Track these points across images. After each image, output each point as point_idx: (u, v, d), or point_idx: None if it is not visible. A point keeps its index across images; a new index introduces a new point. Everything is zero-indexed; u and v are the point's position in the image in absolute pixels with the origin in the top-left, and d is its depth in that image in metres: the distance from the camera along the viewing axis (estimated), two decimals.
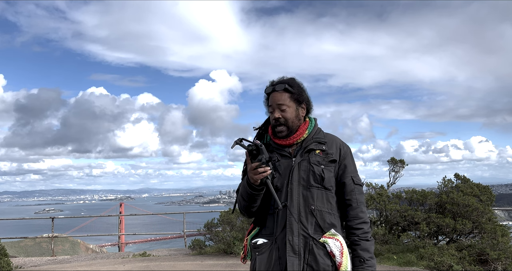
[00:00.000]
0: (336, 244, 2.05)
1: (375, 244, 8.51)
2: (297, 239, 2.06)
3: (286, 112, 2.17)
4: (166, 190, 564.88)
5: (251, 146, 2.06)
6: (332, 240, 2.07)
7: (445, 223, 8.11)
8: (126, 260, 9.54)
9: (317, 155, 2.17)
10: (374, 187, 10.11)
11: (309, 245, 2.05)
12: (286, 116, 2.17)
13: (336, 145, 2.22)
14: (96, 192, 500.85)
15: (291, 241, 2.06)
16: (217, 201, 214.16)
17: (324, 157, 2.17)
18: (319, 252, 2.04)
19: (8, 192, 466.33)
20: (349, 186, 2.18)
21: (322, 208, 2.12)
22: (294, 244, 2.05)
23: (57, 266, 9.38)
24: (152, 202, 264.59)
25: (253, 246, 2.16)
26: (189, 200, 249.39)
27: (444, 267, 6.91)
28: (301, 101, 2.21)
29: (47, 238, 22.08)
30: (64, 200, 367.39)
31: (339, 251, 2.04)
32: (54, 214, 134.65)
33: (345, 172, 2.20)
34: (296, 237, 2.06)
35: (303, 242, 2.06)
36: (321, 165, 2.15)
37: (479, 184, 9.20)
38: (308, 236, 2.07)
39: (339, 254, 2.04)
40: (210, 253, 9.63)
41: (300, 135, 2.20)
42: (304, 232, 2.07)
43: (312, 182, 2.12)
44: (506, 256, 7.04)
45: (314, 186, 2.12)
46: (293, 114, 2.18)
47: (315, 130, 2.25)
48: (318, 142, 2.20)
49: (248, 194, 2.11)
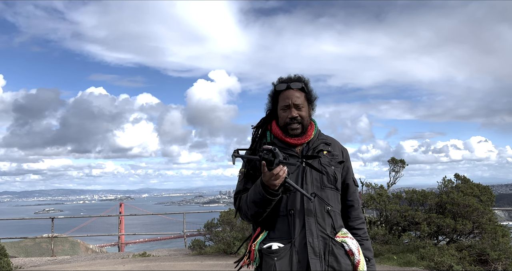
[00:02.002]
0: (353, 242, 2.09)
1: (375, 244, 8.51)
2: (317, 241, 2.03)
3: (302, 111, 2.15)
4: (166, 190, 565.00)
5: (267, 153, 1.88)
6: (349, 238, 2.09)
7: (446, 223, 8.11)
8: (126, 260, 9.54)
9: (325, 156, 2.17)
10: (374, 187, 10.11)
11: (329, 246, 2.04)
12: (302, 115, 2.15)
13: (338, 147, 2.26)
14: (96, 192, 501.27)
15: (311, 243, 2.01)
16: (217, 201, 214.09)
17: (332, 158, 2.18)
18: (339, 252, 2.04)
19: (8, 192, 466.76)
20: (352, 188, 2.24)
21: (335, 209, 2.14)
22: (314, 245, 2.02)
23: (57, 266, 9.37)
24: (152, 202, 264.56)
25: (268, 251, 2.03)
26: (189, 200, 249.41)
27: (444, 267, 6.90)
28: (312, 101, 2.23)
29: (47, 238, 22.06)
30: (64, 200, 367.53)
31: (357, 249, 2.07)
32: (54, 214, 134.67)
33: (348, 173, 2.24)
34: (316, 238, 2.03)
35: (322, 244, 2.03)
36: (332, 165, 2.15)
37: (479, 184, 9.20)
38: (327, 237, 2.05)
39: (357, 252, 2.06)
40: (210, 253, 9.62)
41: (310, 135, 2.20)
42: (323, 233, 2.05)
43: (326, 182, 2.11)
44: (506, 256, 7.04)
45: (328, 186, 2.11)
46: (307, 114, 2.19)
47: (318, 132, 2.26)
48: (325, 143, 2.21)
49: (265, 201, 1.97)
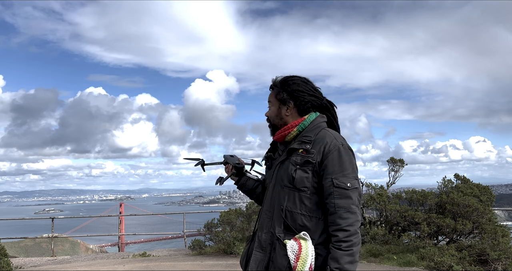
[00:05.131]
0: (294, 247, 1.96)
1: (376, 244, 8.50)
2: (265, 236, 2.10)
3: (269, 110, 2.26)
4: (166, 190, 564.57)
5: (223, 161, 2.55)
6: (293, 242, 1.98)
7: (445, 223, 8.11)
8: (126, 260, 9.54)
9: (299, 154, 2.07)
10: (374, 187, 10.11)
11: (274, 243, 2.06)
12: (268, 114, 2.27)
13: (322, 144, 2.05)
14: (96, 192, 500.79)
15: (259, 237, 2.13)
16: (217, 201, 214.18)
17: (303, 157, 2.06)
18: (279, 252, 2.02)
19: (8, 192, 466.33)
20: (327, 189, 1.98)
21: (293, 209, 2.04)
22: (261, 239, 2.11)
23: (57, 266, 9.37)
24: (152, 202, 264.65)
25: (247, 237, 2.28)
26: (189, 200, 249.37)
27: (444, 267, 6.90)
28: (285, 99, 2.17)
29: (47, 238, 22.07)
30: (64, 200, 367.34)
31: (295, 255, 1.94)
32: (54, 214, 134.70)
33: (325, 173, 2.00)
34: (265, 233, 2.11)
35: (270, 240, 2.08)
36: (297, 165, 2.06)
37: (479, 184, 9.20)
38: (274, 234, 2.08)
39: (294, 257, 1.94)
40: (210, 253, 9.62)
41: (282, 134, 2.18)
42: (273, 230, 2.09)
43: (286, 182, 2.09)
44: (506, 256, 7.04)
45: (287, 186, 2.08)
46: (276, 112, 2.21)
47: (309, 128, 2.14)
48: (302, 141, 2.10)
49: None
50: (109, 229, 47.09)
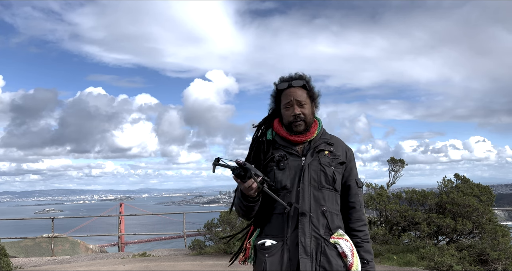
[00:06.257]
0: (347, 244, 2.07)
1: (375, 244, 8.51)
2: (309, 241, 2.03)
3: (304, 109, 2.17)
4: (166, 190, 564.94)
5: (236, 169, 1.94)
6: (343, 240, 2.07)
7: (446, 223, 8.11)
8: (126, 260, 9.54)
9: (326, 156, 2.15)
10: (374, 187, 10.11)
11: (321, 246, 2.03)
12: (304, 113, 2.16)
13: (342, 147, 2.23)
14: (96, 192, 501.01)
15: (303, 242, 2.03)
16: (217, 201, 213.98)
17: (333, 158, 2.16)
18: (331, 253, 2.03)
19: (8, 192, 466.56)
20: (354, 189, 2.21)
21: (332, 210, 2.12)
22: (306, 245, 2.03)
23: (57, 266, 9.37)
24: (152, 202, 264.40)
25: (261, 247, 2.10)
26: (189, 200, 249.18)
27: (444, 267, 6.90)
28: (315, 99, 2.24)
29: (47, 238, 22.07)
30: (64, 200, 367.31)
31: (350, 251, 2.05)
32: (54, 214, 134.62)
33: (351, 174, 2.22)
34: (308, 238, 2.04)
35: (315, 244, 2.04)
36: (332, 166, 2.14)
37: (479, 184, 9.21)
38: (320, 237, 2.05)
39: (351, 254, 2.05)
40: (210, 253, 9.62)
41: (312, 133, 2.20)
42: (316, 233, 2.05)
43: (323, 183, 2.11)
44: (506, 256, 7.04)
45: (325, 187, 2.11)
46: (310, 111, 2.20)
47: (322, 131, 2.24)
48: (327, 142, 2.19)
49: (246, 206, 2.08)
50: (109, 229, 47.06)
